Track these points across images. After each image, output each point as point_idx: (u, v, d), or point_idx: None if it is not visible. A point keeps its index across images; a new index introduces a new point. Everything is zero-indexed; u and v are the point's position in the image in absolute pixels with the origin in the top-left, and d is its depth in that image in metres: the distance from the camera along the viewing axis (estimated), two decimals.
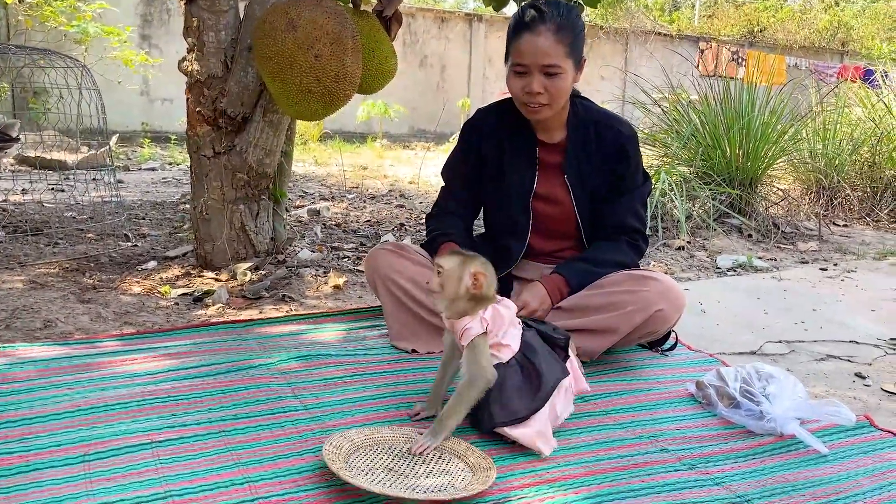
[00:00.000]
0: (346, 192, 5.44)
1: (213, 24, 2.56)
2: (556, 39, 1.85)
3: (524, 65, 1.89)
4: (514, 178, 2.09)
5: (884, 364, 2.24)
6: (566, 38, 1.87)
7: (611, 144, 2.03)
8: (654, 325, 1.90)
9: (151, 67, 8.13)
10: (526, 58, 1.88)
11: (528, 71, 1.89)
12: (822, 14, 17.48)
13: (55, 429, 1.48)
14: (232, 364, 1.86)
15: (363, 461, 1.41)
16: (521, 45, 1.89)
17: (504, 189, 2.11)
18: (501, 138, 2.10)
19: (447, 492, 1.33)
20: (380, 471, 1.38)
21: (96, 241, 3.27)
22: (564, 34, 1.86)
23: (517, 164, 2.08)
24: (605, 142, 2.03)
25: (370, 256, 2.13)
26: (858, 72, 10.09)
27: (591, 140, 2.04)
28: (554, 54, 1.86)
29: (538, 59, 1.86)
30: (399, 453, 1.46)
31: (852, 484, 1.46)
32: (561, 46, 1.86)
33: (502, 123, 2.10)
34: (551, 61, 1.86)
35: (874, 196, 5.15)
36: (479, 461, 1.43)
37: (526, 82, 1.90)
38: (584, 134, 2.05)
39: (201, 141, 2.67)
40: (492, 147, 2.11)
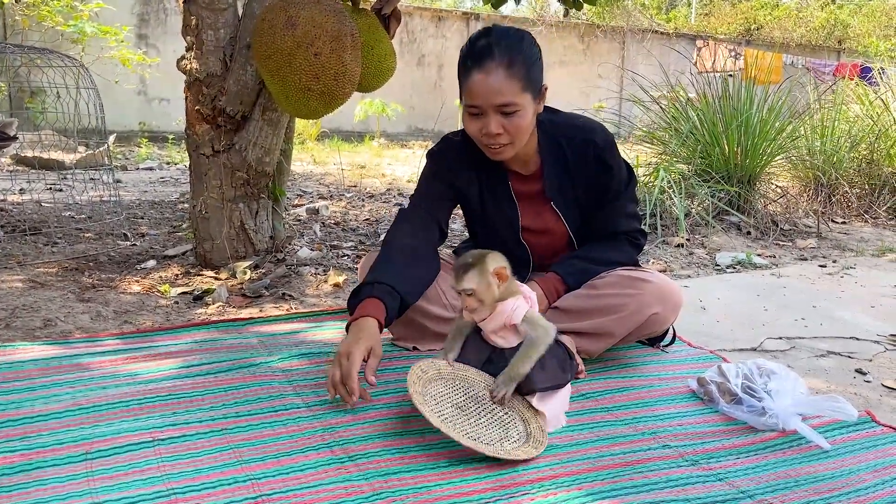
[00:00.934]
0: (345, 191, 5.43)
1: (212, 22, 2.55)
2: (508, 75, 1.69)
3: (477, 106, 1.73)
4: (497, 214, 1.99)
5: (884, 360, 2.24)
6: (519, 72, 1.70)
7: (587, 156, 1.91)
8: (651, 327, 1.90)
9: (149, 67, 8.13)
10: (478, 99, 1.72)
11: (483, 112, 1.73)
12: (818, 12, 17.49)
13: (56, 427, 1.48)
14: (233, 362, 1.85)
15: (439, 391, 1.53)
16: (471, 84, 1.72)
17: (491, 226, 2.02)
18: (475, 171, 1.96)
19: (491, 447, 1.43)
20: (447, 405, 1.50)
21: (95, 240, 3.27)
22: (517, 68, 1.70)
23: (496, 200, 1.98)
24: (580, 155, 1.91)
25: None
26: (855, 69, 10.10)
27: (566, 157, 1.93)
28: (508, 92, 1.70)
29: (491, 98, 1.70)
30: (473, 395, 1.57)
31: (854, 479, 1.47)
32: (514, 82, 1.70)
33: (471, 156, 1.93)
34: (505, 100, 1.70)
35: (872, 193, 5.16)
36: (537, 432, 1.52)
37: (482, 124, 1.74)
38: (557, 154, 1.93)
39: (200, 139, 2.66)
40: (466, 181, 1.98)
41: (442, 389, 1.55)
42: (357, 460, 1.41)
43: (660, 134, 4.96)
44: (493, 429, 1.51)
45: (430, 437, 1.52)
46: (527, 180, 1.97)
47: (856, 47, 15.49)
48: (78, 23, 7.24)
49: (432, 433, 1.53)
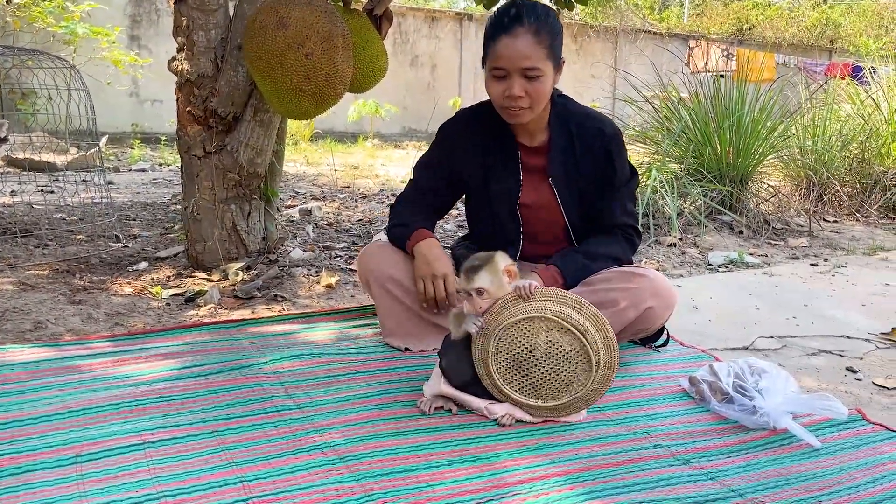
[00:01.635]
0: (338, 192, 5.43)
1: (203, 23, 2.54)
2: (535, 41, 1.81)
3: (503, 68, 1.84)
4: (498, 184, 2.05)
5: (875, 358, 2.25)
6: (545, 41, 1.83)
7: (594, 144, 1.99)
8: (646, 323, 1.91)
9: (141, 68, 8.09)
10: (505, 61, 1.83)
11: (508, 74, 1.84)
12: (810, 11, 17.56)
13: (46, 430, 1.47)
14: (224, 364, 1.85)
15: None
16: (499, 48, 1.84)
17: (489, 196, 2.07)
18: (482, 144, 2.05)
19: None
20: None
21: (87, 242, 3.25)
22: (543, 36, 1.82)
23: (500, 171, 2.05)
24: (588, 142, 2.00)
25: (362, 255, 2.12)
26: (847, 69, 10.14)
27: (574, 141, 2.00)
28: (534, 56, 1.82)
29: (518, 62, 1.82)
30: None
31: (845, 477, 1.47)
32: (540, 48, 1.82)
33: (482, 128, 2.05)
34: (531, 64, 1.82)
35: (864, 192, 5.18)
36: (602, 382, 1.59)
37: (506, 86, 1.85)
38: (566, 135, 2.01)
39: (192, 141, 2.66)
40: (471, 154, 2.06)
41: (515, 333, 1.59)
42: (348, 462, 1.41)
43: (652, 134, 4.97)
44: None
45: (421, 438, 1.52)
46: (531, 153, 2.03)
47: (847, 47, 15.56)
48: (69, 24, 7.21)
49: (425, 433, 1.53)
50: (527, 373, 1.59)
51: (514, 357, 1.59)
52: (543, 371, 1.59)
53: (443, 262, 1.95)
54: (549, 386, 1.59)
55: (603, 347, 1.58)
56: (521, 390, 1.60)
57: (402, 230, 2.06)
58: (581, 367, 1.58)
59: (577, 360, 1.58)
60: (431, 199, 2.15)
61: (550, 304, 1.58)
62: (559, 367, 1.58)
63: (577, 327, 1.57)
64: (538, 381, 1.59)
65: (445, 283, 1.92)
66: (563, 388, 1.59)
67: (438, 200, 2.17)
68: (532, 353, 1.58)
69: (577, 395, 1.59)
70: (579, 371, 1.58)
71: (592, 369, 1.57)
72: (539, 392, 1.60)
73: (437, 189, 2.14)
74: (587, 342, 1.56)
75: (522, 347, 1.59)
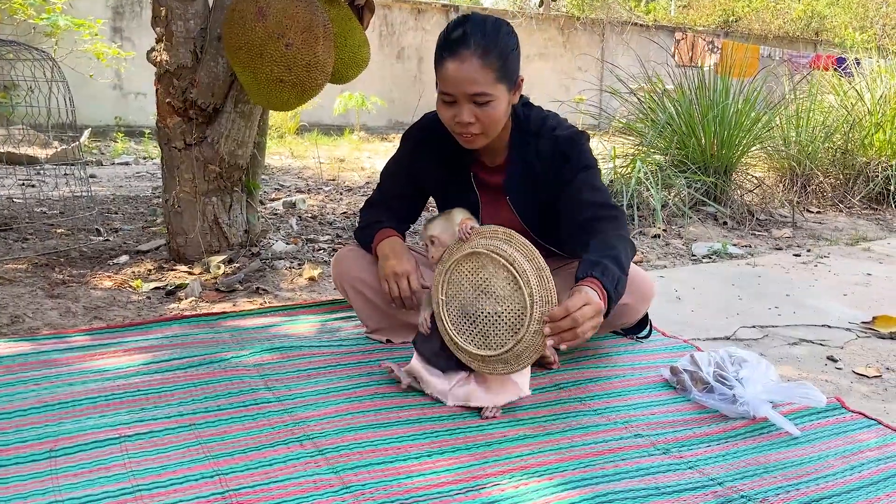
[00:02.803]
0: (323, 185, 5.40)
1: (182, 13, 2.51)
2: (482, 65, 1.66)
3: (450, 94, 1.71)
4: (458, 201, 1.92)
5: (855, 347, 2.26)
6: (494, 62, 1.67)
7: (551, 154, 1.86)
8: (623, 318, 1.91)
9: (124, 61, 8.01)
10: (451, 86, 1.69)
11: (456, 100, 1.71)
12: (795, 3, 17.62)
13: (21, 425, 1.46)
14: (204, 357, 1.83)
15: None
16: (445, 72, 1.69)
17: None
18: (442, 159, 1.96)
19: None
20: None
21: (67, 236, 3.22)
22: (491, 58, 1.67)
23: (458, 188, 1.96)
24: (545, 154, 1.87)
25: (335, 259, 2.08)
26: (831, 60, 10.19)
27: (533, 156, 1.88)
28: (482, 81, 1.66)
29: (464, 87, 1.67)
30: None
31: (823, 465, 1.48)
32: (489, 72, 1.67)
33: (443, 141, 1.90)
34: (479, 89, 1.67)
35: (847, 183, 5.20)
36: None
37: (455, 112, 1.72)
38: (525, 151, 1.89)
39: (172, 133, 2.63)
40: (432, 168, 1.98)
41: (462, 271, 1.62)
42: (327, 454, 1.40)
43: (637, 125, 4.97)
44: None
45: (399, 430, 1.51)
46: (490, 172, 1.94)
47: (832, 39, 15.63)
48: (51, 16, 7.12)
49: (404, 425, 1.52)
50: (474, 320, 1.58)
51: (461, 304, 1.60)
52: (487, 314, 1.56)
53: (404, 260, 1.89)
54: (496, 332, 1.56)
55: (535, 279, 1.52)
56: (474, 341, 1.59)
57: (367, 232, 2.02)
58: (518, 303, 1.53)
59: (514, 298, 1.54)
60: (397, 205, 2.07)
61: (483, 240, 1.59)
62: (499, 309, 1.55)
63: (506, 258, 1.54)
64: (485, 327, 1.57)
65: (409, 280, 1.87)
66: (510, 333, 1.54)
67: (405, 206, 2.09)
68: (475, 295, 1.58)
69: (521, 339, 1.52)
70: (518, 309, 1.54)
71: (526, 303, 1.51)
72: (488, 341, 1.57)
73: (402, 195, 2.07)
74: (517, 273, 1.52)
75: (466, 291, 1.60)
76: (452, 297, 1.62)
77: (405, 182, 2.05)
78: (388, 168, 2.09)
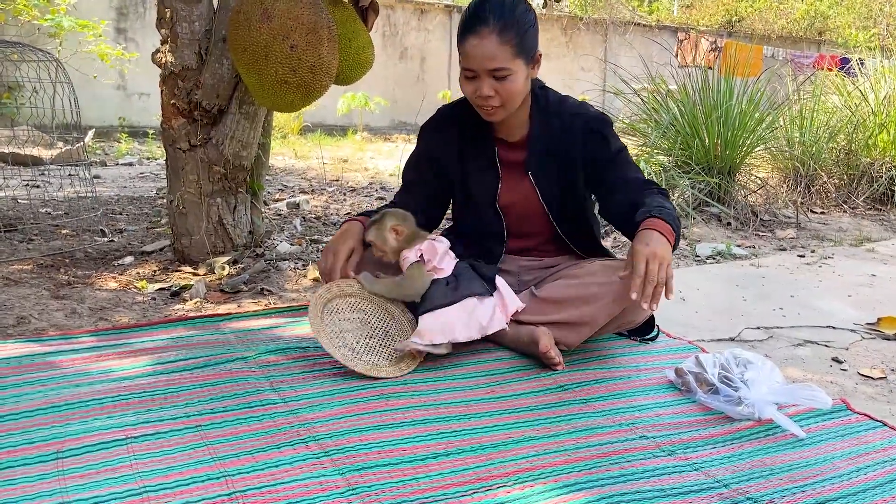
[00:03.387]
0: (327, 185, 5.40)
1: (187, 14, 2.52)
2: (501, 41, 1.77)
3: (472, 69, 1.83)
4: (478, 181, 2.04)
5: (860, 349, 2.26)
6: (511, 39, 1.78)
7: (582, 132, 1.95)
8: (630, 316, 1.91)
9: (128, 62, 8.02)
10: (472, 62, 1.81)
11: (477, 75, 1.82)
12: (799, 3, 17.59)
13: (28, 426, 1.46)
14: (210, 358, 1.84)
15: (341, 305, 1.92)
16: (466, 48, 1.82)
17: (470, 193, 2.06)
18: (461, 140, 2.04)
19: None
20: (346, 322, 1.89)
21: (72, 237, 3.23)
22: (509, 34, 1.78)
23: (479, 167, 2.03)
24: (572, 133, 1.95)
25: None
26: (835, 60, 10.18)
27: (556, 133, 1.97)
28: (500, 57, 1.78)
29: (484, 63, 1.79)
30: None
31: (829, 467, 1.48)
32: (507, 48, 1.78)
33: (461, 125, 2.04)
34: (497, 65, 1.79)
35: (851, 183, 5.20)
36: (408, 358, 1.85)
37: (476, 86, 1.84)
38: (548, 128, 1.97)
39: (176, 134, 2.64)
40: (451, 150, 2.06)
41: (342, 304, 1.94)
42: (333, 455, 1.40)
43: (640, 126, 4.97)
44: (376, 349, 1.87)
45: (405, 431, 1.51)
46: (511, 148, 2.01)
47: (836, 39, 15.60)
48: (55, 17, 7.14)
49: (410, 426, 1.53)
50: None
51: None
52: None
53: (342, 239, 1.99)
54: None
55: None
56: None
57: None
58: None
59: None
60: (419, 191, 2.14)
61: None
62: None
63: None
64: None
65: (335, 257, 1.96)
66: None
67: (428, 190, 2.14)
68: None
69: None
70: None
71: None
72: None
73: (425, 181, 2.13)
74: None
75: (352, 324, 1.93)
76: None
77: (426, 168, 2.12)
78: (409, 161, 2.18)
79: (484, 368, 1.87)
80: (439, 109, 2.15)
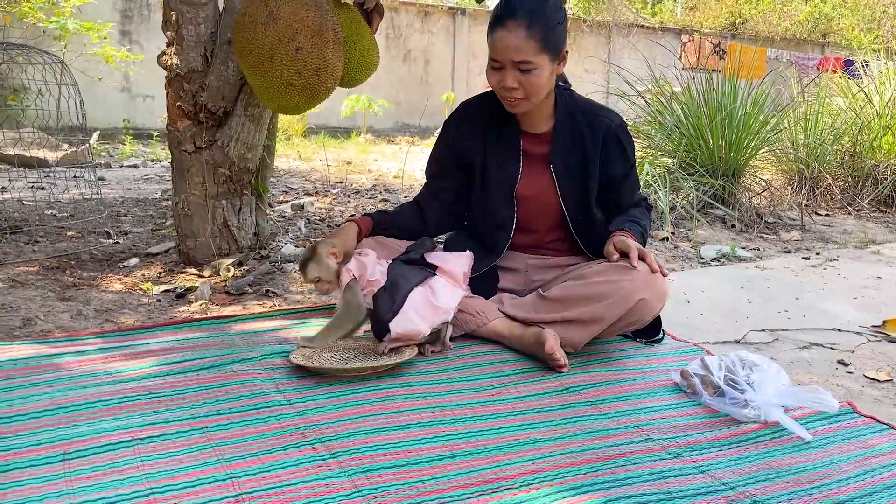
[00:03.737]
0: (331, 187, 5.41)
1: (192, 17, 2.53)
2: (528, 35, 1.83)
3: (498, 60, 1.89)
4: (498, 170, 2.09)
5: (866, 351, 2.26)
6: (538, 33, 1.84)
7: (603, 135, 2.04)
8: (638, 315, 1.91)
9: (132, 64, 8.04)
10: (499, 54, 1.88)
11: (503, 66, 1.89)
12: (802, 6, 17.58)
13: (34, 427, 1.46)
14: (215, 360, 1.84)
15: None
16: (494, 40, 1.88)
17: (489, 181, 2.10)
18: (484, 130, 2.10)
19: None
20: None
21: (77, 238, 3.24)
22: (536, 29, 1.84)
23: (501, 156, 2.08)
24: (596, 132, 2.04)
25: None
26: (839, 62, 10.16)
27: (580, 131, 2.04)
28: (525, 50, 1.84)
29: (510, 55, 1.86)
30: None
31: (835, 470, 1.47)
32: (533, 42, 1.84)
33: (486, 115, 2.10)
34: (522, 57, 1.85)
35: (855, 185, 5.19)
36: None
37: (501, 77, 1.90)
38: (571, 124, 2.05)
39: (182, 136, 2.64)
40: (474, 140, 2.11)
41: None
42: (339, 457, 1.40)
43: (645, 128, 4.96)
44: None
45: (411, 433, 1.51)
46: (535, 141, 2.07)
47: (840, 41, 15.59)
48: (60, 19, 7.16)
49: (416, 428, 1.53)
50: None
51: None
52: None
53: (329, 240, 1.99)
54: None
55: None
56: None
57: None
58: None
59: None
60: (442, 185, 2.19)
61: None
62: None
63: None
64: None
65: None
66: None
67: (452, 182, 2.19)
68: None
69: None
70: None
71: None
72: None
73: (447, 172, 2.19)
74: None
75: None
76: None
77: (449, 161, 2.17)
78: (432, 155, 2.23)
79: (489, 370, 1.87)
80: (463, 102, 2.20)
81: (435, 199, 2.21)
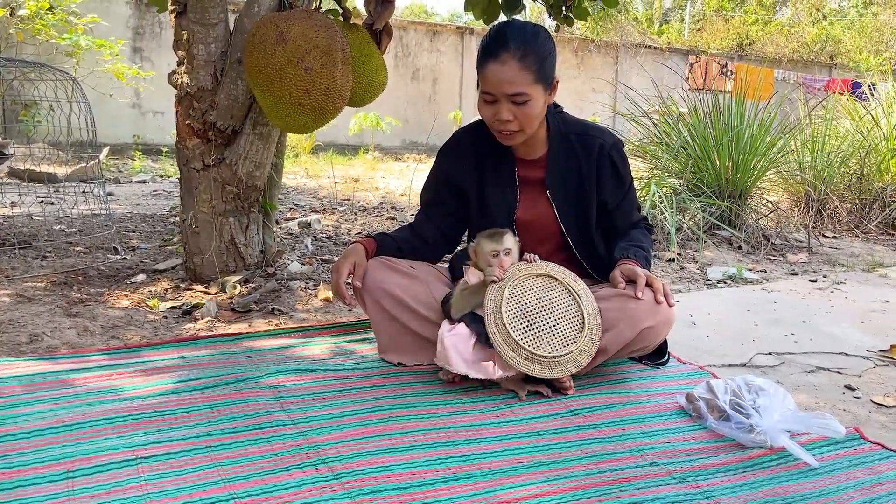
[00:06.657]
0: (338, 205, 5.43)
1: (203, 36, 2.55)
2: (521, 67, 1.82)
3: (491, 94, 1.87)
4: (496, 198, 2.07)
5: (873, 376, 2.24)
6: (531, 65, 1.83)
7: (596, 155, 2.03)
8: (644, 342, 1.90)
9: (143, 80, 8.13)
10: (492, 87, 1.85)
11: (496, 99, 1.86)
12: (810, 27, 17.64)
13: (39, 445, 1.47)
14: (220, 378, 1.84)
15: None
16: (486, 73, 1.86)
17: (487, 210, 2.09)
18: (478, 160, 2.08)
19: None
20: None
21: (85, 254, 3.25)
22: (529, 61, 1.83)
23: (498, 184, 2.07)
24: (590, 153, 2.03)
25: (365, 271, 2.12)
26: (846, 84, 10.17)
27: (574, 152, 2.04)
28: (519, 82, 1.83)
29: (504, 88, 1.84)
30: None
31: (842, 497, 1.46)
32: (526, 73, 1.83)
33: (479, 143, 2.07)
34: (517, 90, 1.83)
35: (863, 208, 5.18)
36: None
37: (495, 110, 1.88)
38: (566, 147, 2.04)
39: (191, 153, 2.66)
40: (469, 171, 2.09)
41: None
42: (342, 478, 1.40)
43: (651, 148, 4.97)
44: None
45: (415, 455, 1.51)
46: (529, 166, 2.06)
47: (847, 63, 15.61)
48: (73, 36, 7.25)
49: (419, 449, 1.52)
50: (531, 323, 1.79)
51: (523, 305, 1.80)
52: (545, 323, 1.80)
53: (345, 261, 2.00)
54: (548, 339, 1.79)
55: (592, 313, 1.84)
56: (524, 338, 1.77)
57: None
58: (575, 326, 1.82)
59: (573, 319, 1.82)
60: (437, 211, 2.17)
61: (557, 269, 1.89)
62: (558, 322, 1.81)
63: (576, 291, 1.86)
64: (540, 331, 1.78)
65: (337, 273, 1.99)
66: (560, 343, 1.79)
67: (447, 209, 2.17)
68: (539, 304, 1.82)
69: (570, 351, 1.78)
70: (573, 330, 1.81)
71: (584, 329, 1.81)
72: (538, 343, 1.77)
73: (442, 201, 2.16)
74: (582, 305, 1.84)
75: (532, 298, 1.82)
76: (516, 298, 1.81)
77: (444, 190, 2.15)
78: (427, 183, 2.21)
79: (493, 392, 1.86)
80: (455, 132, 2.18)
81: (430, 222, 2.18)
